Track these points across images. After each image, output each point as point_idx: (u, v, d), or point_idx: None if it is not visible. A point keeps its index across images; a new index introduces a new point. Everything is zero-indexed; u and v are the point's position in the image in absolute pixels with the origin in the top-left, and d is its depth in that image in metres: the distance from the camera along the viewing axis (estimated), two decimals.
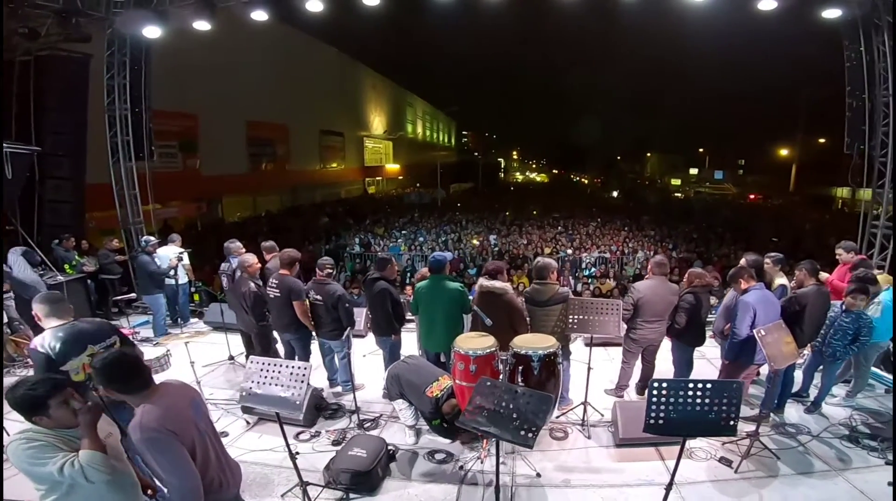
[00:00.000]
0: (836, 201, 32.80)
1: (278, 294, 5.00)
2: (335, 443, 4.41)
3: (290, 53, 23.27)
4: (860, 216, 7.96)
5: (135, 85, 8.61)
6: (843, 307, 4.69)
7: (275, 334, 5.59)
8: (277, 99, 22.78)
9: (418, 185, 42.54)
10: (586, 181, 72.41)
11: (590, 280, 12.80)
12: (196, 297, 9.16)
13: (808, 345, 5.08)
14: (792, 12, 7.44)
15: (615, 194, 50.15)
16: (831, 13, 7.13)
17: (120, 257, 8.42)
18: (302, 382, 3.11)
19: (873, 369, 5.62)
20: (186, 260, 7.75)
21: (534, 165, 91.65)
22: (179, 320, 7.86)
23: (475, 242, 17.31)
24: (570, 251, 14.93)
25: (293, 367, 3.18)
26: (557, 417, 4.84)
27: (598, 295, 11.18)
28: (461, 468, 4.06)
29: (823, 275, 5.46)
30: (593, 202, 35.10)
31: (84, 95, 8.78)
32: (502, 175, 73.71)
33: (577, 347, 5.81)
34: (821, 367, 5.09)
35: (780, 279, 5.14)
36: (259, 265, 5.43)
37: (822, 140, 31.83)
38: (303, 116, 25.74)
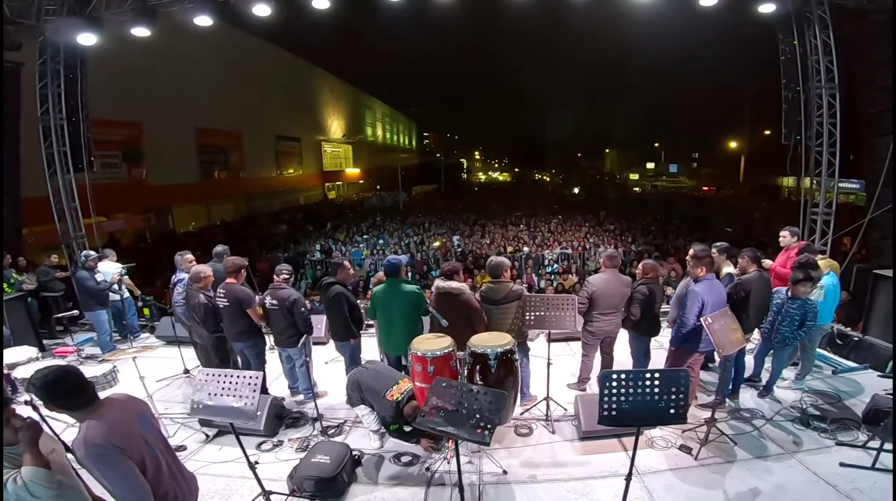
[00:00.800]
0: (783, 189, 34.23)
1: (227, 304, 4.92)
2: (299, 451, 4.36)
3: (241, 58, 22.73)
4: (801, 204, 8.31)
5: (70, 93, 8.16)
6: (789, 294, 4.82)
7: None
8: (229, 105, 22.19)
9: (378, 188, 42.17)
10: (548, 179, 73.48)
11: (552, 276, 12.93)
12: (146, 311, 8.83)
13: (758, 330, 5.23)
14: (734, 8, 7.70)
15: (576, 190, 50.97)
16: (766, 7, 7.40)
17: (62, 273, 8.04)
18: (254, 391, 3.08)
19: (819, 351, 5.87)
20: (126, 277, 7.46)
21: (496, 165, 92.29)
22: (129, 335, 7.54)
23: (437, 243, 17.25)
24: (526, 250, 15.04)
25: (244, 376, 3.13)
26: (521, 413, 4.87)
27: (560, 291, 11.34)
28: (428, 469, 4.04)
29: (767, 262, 5.66)
30: (555, 199, 35.53)
31: (16, 104, 8.30)
32: (465, 176, 73.95)
33: (540, 343, 5.83)
34: (771, 352, 5.24)
35: (727, 268, 5.28)
36: (212, 278, 5.27)
37: (767, 132, 33.15)
38: (257, 122, 25.21)
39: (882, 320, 6.31)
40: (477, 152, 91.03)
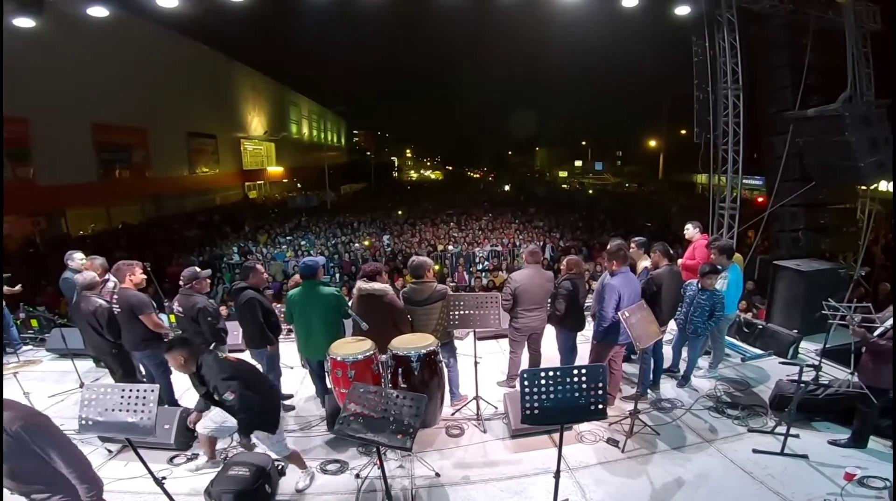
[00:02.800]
0: (698, 185, 36.53)
1: (119, 310, 4.65)
2: (216, 464, 4.13)
3: (149, 51, 21.03)
4: (710, 199, 8.76)
5: None
6: (699, 286, 5.06)
7: None
8: (134, 100, 20.56)
9: (299, 186, 40.63)
10: (479, 176, 74.43)
11: (483, 274, 12.94)
12: (34, 323, 7.96)
13: (675, 322, 5.38)
14: (654, 12, 8.00)
15: (507, 188, 51.89)
16: (682, 10, 7.72)
17: None
18: (150, 404, 2.92)
19: (729, 339, 6.15)
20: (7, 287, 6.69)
21: (428, 163, 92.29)
22: (11, 349, 6.82)
23: (366, 243, 16.81)
24: (451, 248, 14.98)
25: (137, 390, 2.96)
26: (452, 414, 4.82)
27: (491, 288, 11.37)
28: (357, 476, 3.90)
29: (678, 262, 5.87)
30: (486, 197, 35.92)
31: None
32: (396, 174, 73.27)
33: (468, 341, 5.77)
34: (686, 342, 5.42)
35: (644, 262, 5.42)
36: (103, 284, 5.06)
37: (683, 131, 35.19)
38: (166, 118, 23.46)
39: (783, 308, 6.74)
40: (408, 150, 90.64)
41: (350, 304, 4.79)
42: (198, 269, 4.97)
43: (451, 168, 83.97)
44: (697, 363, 5.47)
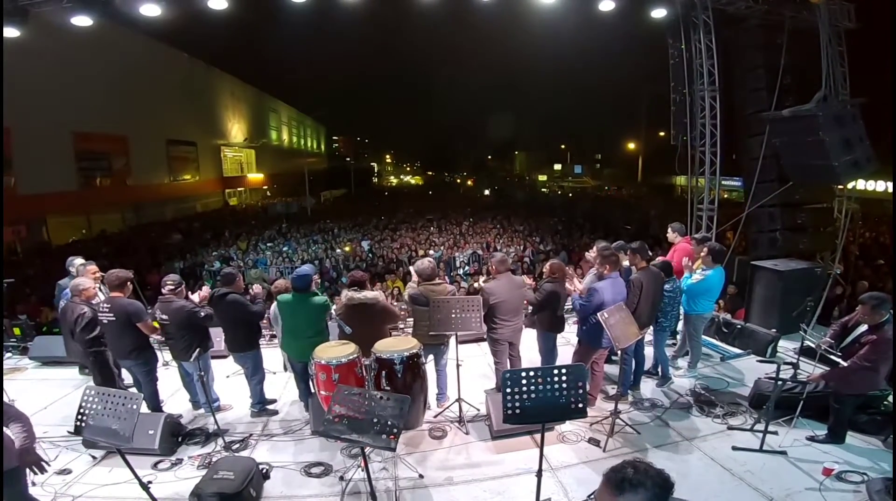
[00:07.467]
0: (677, 187, 36.94)
1: (113, 319, 4.57)
2: (201, 468, 4.13)
3: (129, 59, 20.91)
4: (688, 201, 8.84)
5: None
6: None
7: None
8: (114, 108, 20.51)
9: (269, 194, 40.44)
10: (459, 181, 74.48)
11: (464, 278, 12.90)
12: (17, 331, 7.72)
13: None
14: (631, 14, 8.08)
15: (487, 192, 51.95)
16: (658, 12, 7.79)
17: None
18: (132, 412, 2.96)
19: (708, 338, 6.20)
20: None
21: (408, 168, 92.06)
22: None
23: (347, 249, 16.67)
24: (431, 252, 14.91)
25: (121, 396, 3.04)
26: (435, 416, 4.83)
27: (473, 292, 11.31)
28: (342, 478, 3.90)
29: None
30: (466, 202, 35.90)
31: None
32: (376, 180, 72.97)
33: (451, 345, 5.73)
34: (668, 343, 5.46)
35: (623, 262, 5.39)
36: (94, 291, 4.92)
37: (661, 134, 35.49)
38: (146, 126, 23.31)
39: (761, 308, 6.80)
40: (388, 156, 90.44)
41: (334, 309, 4.84)
42: (177, 277, 4.98)
43: (431, 173, 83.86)
44: (677, 362, 5.54)
